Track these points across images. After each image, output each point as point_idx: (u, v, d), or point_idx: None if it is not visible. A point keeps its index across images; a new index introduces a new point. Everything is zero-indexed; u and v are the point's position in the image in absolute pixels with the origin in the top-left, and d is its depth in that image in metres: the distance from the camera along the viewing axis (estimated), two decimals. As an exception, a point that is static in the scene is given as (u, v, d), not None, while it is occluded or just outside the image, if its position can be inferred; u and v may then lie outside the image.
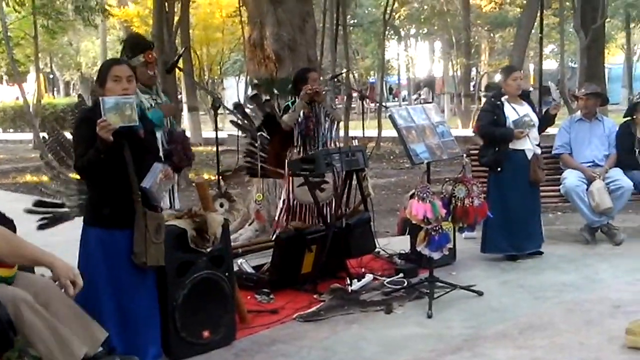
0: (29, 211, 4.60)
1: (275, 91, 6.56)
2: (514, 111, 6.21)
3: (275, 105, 6.30)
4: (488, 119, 6.25)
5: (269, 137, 6.11)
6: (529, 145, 6.20)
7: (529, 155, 6.21)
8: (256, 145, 5.98)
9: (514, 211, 6.20)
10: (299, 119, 5.94)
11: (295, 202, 6.06)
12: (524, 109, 6.26)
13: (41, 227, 4.68)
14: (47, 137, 4.79)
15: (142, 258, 3.72)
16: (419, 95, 37.72)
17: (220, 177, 4.98)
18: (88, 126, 3.61)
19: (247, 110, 6.23)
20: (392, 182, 13.09)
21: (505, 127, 6.17)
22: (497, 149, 6.20)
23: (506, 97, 6.25)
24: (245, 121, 6.17)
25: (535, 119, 6.24)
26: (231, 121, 6.21)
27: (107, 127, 3.53)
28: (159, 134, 4.51)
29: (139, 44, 4.82)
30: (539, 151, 6.32)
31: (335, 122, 6.21)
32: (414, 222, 5.11)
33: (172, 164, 4.41)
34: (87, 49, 36.05)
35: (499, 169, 6.21)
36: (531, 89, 6.48)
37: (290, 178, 6.00)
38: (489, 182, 6.31)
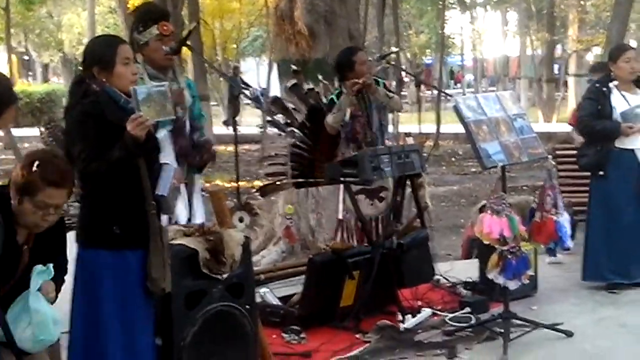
0: None
1: (320, 77, 6.55)
2: (625, 101, 6.19)
3: (322, 94, 6.30)
4: (590, 109, 6.24)
5: (302, 138, 6.10)
6: None
7: None
8: (302, 146, 5.99)
9: (621, 227, 6.17)
10: (345, 119, 5.93)
11: (348, 215, 6.06)
12: (637, 99, 6.23)
13: None
14: (43, 130, 4.95)
15: (161, 284, 3.78)
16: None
17: (261, 195, 5.00)
18: (93, 123, 3.65)
19: (287, 104, 6.23)
20: (454, 191, 13.06)
21: (610, 120, 6.15)
22: (599, 147, 6.19)
23: (616, 82, 6.23)
24: (287, 119, 6.18)
25: None
26: (269, 120, 6.23)
27: (143, 123, 3.59)
28: (162, 133, 4.56)
29: (151, 12, 4.88)
30: None
31: (392, 114, 6.14)
32: (485, 242, 5.09)
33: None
34: (71, 24, 36.54)
35: (600, 172, 6.18)
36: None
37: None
38: (591, 191, 6.33)
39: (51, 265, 3.49)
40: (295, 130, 5.88)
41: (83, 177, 3.73)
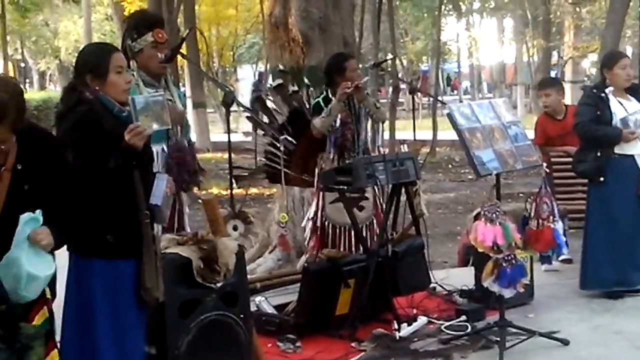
0: None
1: (306, 80, 6.59)
2: (622, 107, 6.19)
3: (305, 97, 6.33)
4: (589, 115, 6.20)
5: (294, 141, 6.14)
6: (639, 149, 6.19)
7: None
8: (278, 146, 6.01)
9: (621, 234, 6.15)
10: (335, 125, 5.95)
11: (326, 223, 6.07)
12: (633, 105, 6.23)
13: None
14: None
15: (155, 293, 3.77)
16: None
17: (234, 180, 5.00)
18: (88, 131, 3.64)
19: (269, 104, 6.26)
20: (451, 199, 13.05)
21: (610, 127, 6.14)
22: (599, 153, 6.17)
23: (611, 89, 6.23)
24: (266, 118, 6.20)
25: None
26: (248, 117, 6.25)
27: (142, 132, 3.60)
28: (157, 148, 4.56)
29: (145, 19, 4.88)
30: None
31: (380, 123, 6.23)
32: (479, 250, 5.08)
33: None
34: (68, 31, 36.49)
35: (601, 178, 6.17)
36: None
37: (321, 192, 6.01)
38: (590, 197, 6.31)
39: (39, 211, 3.33)
40: (286, 136, 5.93)
41: (78, 185, 3.72)
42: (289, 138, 6.07)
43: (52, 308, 3.50)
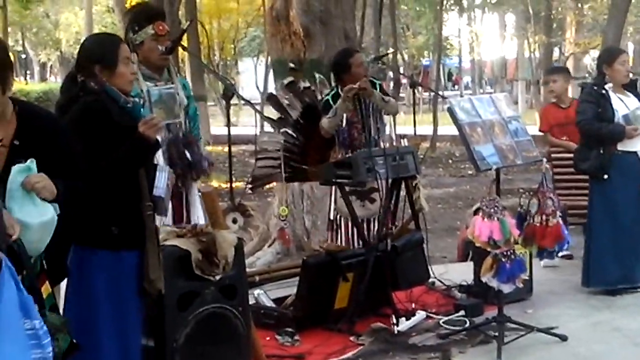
0: None
1: (317, 75, 6.56)
2: (623, 103, 6.19)
3: (318, 92, 6.32)
4: (591, 112, 6.19)
5: (295, 135, 6.11)
6: None
7: None
8: (297, 143, 6.00)
9: (626, 231, 6.16)
10: (341, 125, 5.93)
11: (338, 217, 6.08)
12: (632, 101, 6.24)
13: None
14: None
15: (158, 285, 3.79)
16: None
17: (250, 189, 4.98)
18: (96, 121, 3.62)
19: (283, 101, 6.24)
20: (451, 193, 13.06)
21: (613, 123, 6.14)
22: (601, 150, 6.17)
23: (610, 85, 6.22)
24: (281, 115, 6.18)
25: None
26: (263, 117, 6.24)
27: (157, 124, 3.63)
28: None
29: (145, 12, 4.87)
30: None
31: (389, 117, 6.18)
32: (477, 244, 5.09)
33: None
34: (69, 23, 36.52)
35: (604, 175, 6.16)
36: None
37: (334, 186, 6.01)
38: (592, 194, 6.30)
39: (32, 160, 3.13)
40: (289, 130, 5.90)
41: (85, 175, 3.69)
42: (289, 131, 6.07)
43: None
